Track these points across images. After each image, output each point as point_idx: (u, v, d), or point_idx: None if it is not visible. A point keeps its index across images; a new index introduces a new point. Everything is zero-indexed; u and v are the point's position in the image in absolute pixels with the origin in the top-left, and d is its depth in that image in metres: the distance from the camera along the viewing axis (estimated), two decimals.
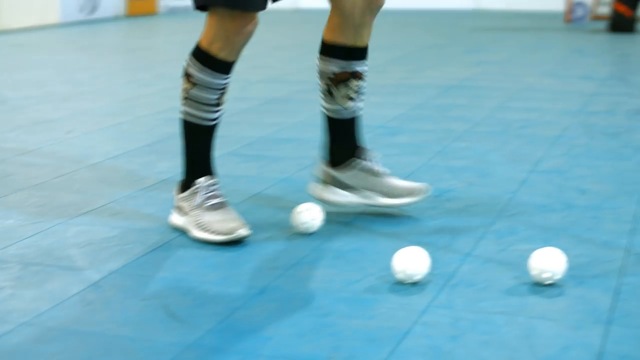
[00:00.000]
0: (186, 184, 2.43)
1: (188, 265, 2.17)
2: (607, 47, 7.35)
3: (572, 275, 2.05)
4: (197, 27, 2.74)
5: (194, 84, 2.33)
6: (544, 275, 2.00)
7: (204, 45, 2.31)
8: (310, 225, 2.39)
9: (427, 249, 2.07)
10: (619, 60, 6.45)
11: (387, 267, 2.05)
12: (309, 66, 5.95)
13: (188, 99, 2.35)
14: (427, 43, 7.66)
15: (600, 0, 10.47)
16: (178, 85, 2.52)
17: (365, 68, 2.54)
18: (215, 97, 2.35)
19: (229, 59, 2.32)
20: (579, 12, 10.01)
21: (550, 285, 2.00)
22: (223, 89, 2.36)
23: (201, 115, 2.36)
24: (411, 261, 2.01)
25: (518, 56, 6.59)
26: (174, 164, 2.97)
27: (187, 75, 2.34)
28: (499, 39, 7.96)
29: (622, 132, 3.81)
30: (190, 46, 2.37)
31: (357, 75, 2.53)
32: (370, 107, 4.45)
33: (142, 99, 4.82)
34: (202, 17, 2.33)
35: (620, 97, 4.73)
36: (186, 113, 2.37)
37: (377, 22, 2.56)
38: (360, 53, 2.52)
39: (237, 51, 2.32)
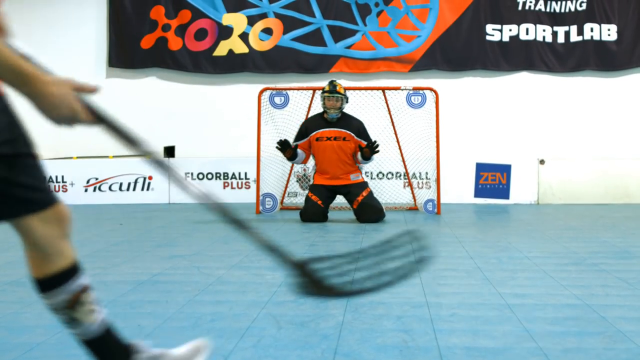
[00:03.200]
0: None
1: None
2: (296, 237, 7.71)
3: None
4: None
5: None
6: None
7: None
8: None
9: None
10: (306, 250, 6.77)
11: None
12: None
13: None
14: (119, 238, 7.63)
15: (288, 192, 11.06)
16: None
17: (85, 278, 2.46)
18: None
19: None
20: (269, 203, 10.49)
21: None
22: None
23: None
24: None
25: (209, 249, 6.73)
26: None
27: None
28: (190, 232, 8.10)
29: (309, 321, 3.95)
30: None
31: (84, 289, 2.44)
32: None
33: None
34: None
35: None
36: None
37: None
38: (72, 270, 2.44)
39: None
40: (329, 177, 9.35)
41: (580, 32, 13.08)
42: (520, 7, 13.12)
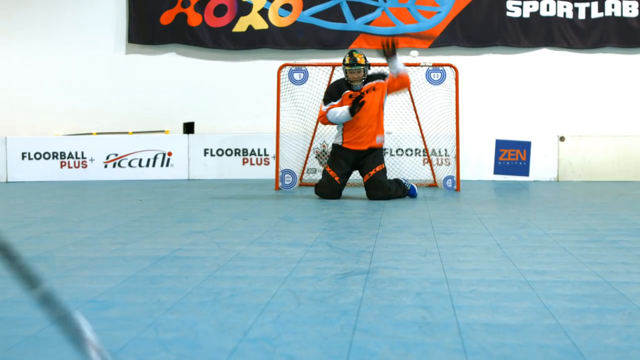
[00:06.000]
0: None
1: None
2: (314, 213, 7.72)
3: None
4: None
5: None
6: None
7: None
8: None
9: None
10: (325, 226, 6.78)
11: None
12: (20, 241, 5.73)
13: None
14: (138, 214, 7.66)
15: (307, 169, 11.07)
16: None
17: None
18: None
19: None
20: (288, 179, 10.50)
21: None
22: None
23: None
24: None
25: (228, 225, 6.75)
26: None
27: None
28: (209, 208, 8.12)
29: (329, 297, 3.96)
30: None
31: None
32: (81, 282, 4.35)
33: None
34: None
35: (327, 262, 4.94)
36: None
37: (84, 195, 2.53)
38: None
39: None
40: (356, 138, 9.11)
41: (601, 8, 12.96)
42: None
